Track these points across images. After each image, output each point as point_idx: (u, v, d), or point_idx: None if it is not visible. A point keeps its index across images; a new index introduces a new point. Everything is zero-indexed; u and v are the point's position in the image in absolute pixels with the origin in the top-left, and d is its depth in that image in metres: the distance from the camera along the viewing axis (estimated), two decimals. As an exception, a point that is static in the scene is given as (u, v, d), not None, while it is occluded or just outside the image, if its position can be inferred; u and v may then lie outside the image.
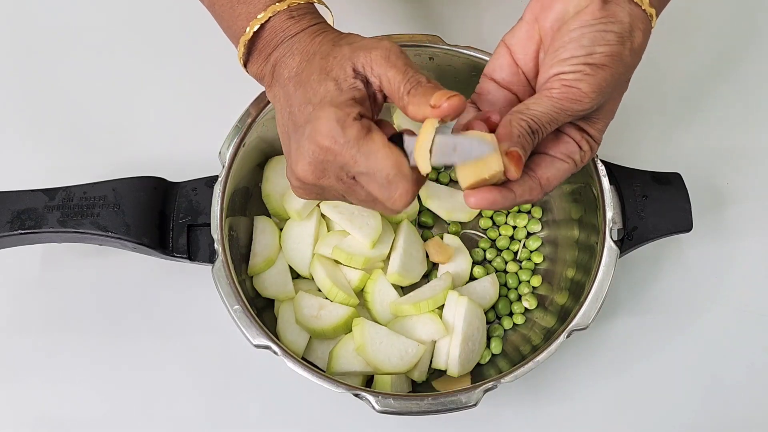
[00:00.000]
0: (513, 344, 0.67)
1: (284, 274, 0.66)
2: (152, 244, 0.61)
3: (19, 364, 0.68)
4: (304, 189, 0.52)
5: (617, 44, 0.48)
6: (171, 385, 0.67)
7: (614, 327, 0.70)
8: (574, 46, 0.48)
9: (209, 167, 0.64)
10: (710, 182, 0.76)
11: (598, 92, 0.48)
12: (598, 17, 0.48)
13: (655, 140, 0.78)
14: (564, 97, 0.48)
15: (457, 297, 0.64)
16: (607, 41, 0.47)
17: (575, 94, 0.48)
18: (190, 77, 0.79)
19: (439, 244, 0.68)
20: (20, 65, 0.79)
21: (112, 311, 0.69)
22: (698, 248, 0.73)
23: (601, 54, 0.47)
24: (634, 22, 0.48)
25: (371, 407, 0.56)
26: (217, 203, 0.61)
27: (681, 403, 0.68)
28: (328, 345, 0.65)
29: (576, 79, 0.48)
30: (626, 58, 0.48)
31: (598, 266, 0.60)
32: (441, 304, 0.64)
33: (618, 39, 0.48)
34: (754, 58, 0.82)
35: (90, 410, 0.66)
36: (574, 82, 0.48)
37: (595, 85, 0.48)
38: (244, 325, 0.58)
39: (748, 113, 0.79)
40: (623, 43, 0.48)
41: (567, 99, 0.48)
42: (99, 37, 0.81)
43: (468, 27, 0.81)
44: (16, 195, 0.61)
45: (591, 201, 0.64)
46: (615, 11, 0.48)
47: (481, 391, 0.56)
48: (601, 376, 0.69)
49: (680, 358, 0.70)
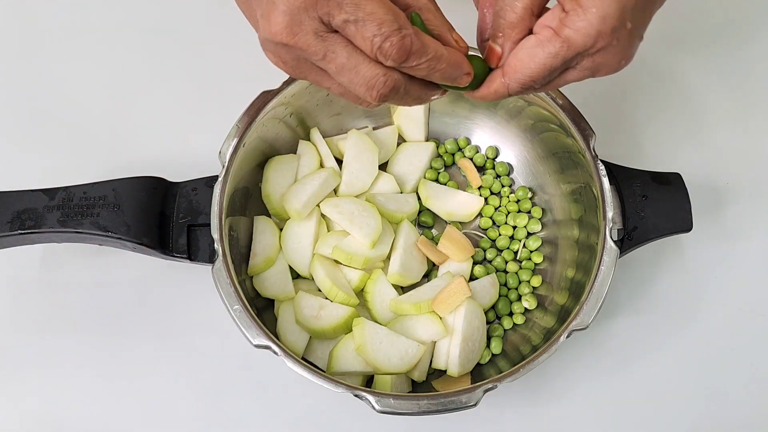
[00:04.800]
0: (513, 344, 0.67)
1: (284, 274, 0.66)
2: (152, 244, 0.61)
3: (19, 364, 0.68)
4: (276, 53, 0.45)
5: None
6: (171, 385, 0.67)
7: (614, 327, 0.70)
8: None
9: (209, 167, 0.64)
10: (710, 182, 0.76)
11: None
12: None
13: (655, 140, 0.78)
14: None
15: (457, 297, 0.64)
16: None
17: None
18: (190, 77, 0.79)
19: (426, 243, 0.68)
20: (20, 65, 0.79)
21: (112, 311, 0.69)
22: (698, 248, 0.73)
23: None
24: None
25: (371, 407, 0.56)
26: (217, 203, 0.61)
27: (681, 403, 0.68)
28: (328, 345, 0.65)
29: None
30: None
31: (598, 266, 0.60)
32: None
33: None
34: (755, 58, 0.82)
35: (90, 410, 0.66)
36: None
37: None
38: (244, 325, 0.58)
39: (748, 113, 0.79)
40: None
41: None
42: (99, 37, 0.81)
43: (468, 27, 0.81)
44: (16, 195, 0.61)
45: (591, 201, 0.64)
46: None
47: (481, 391, 0.56)
48: (601, 376, 0.69)
49: (680, 358, 0.70)
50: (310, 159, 0.70)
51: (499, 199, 0.73)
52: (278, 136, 0.69)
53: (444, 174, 0.74)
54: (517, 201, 0.73)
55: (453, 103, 0.73)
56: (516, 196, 0.73)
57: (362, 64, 0.43)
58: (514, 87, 0.47)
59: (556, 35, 0.44)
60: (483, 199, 0.72)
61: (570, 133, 0.64)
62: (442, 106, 0.73)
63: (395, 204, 0.69)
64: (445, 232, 0.68)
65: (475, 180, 0.73)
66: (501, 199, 0.73)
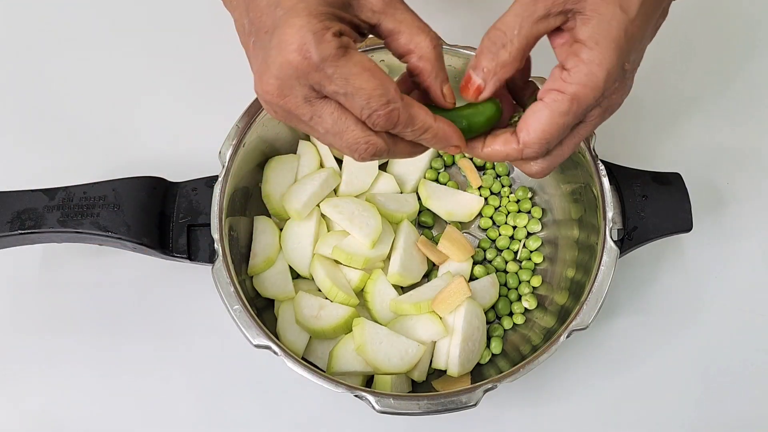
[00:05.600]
0: (513, 344, 0.67)
1: (284, 274, 0.66)
2: (152, 244, 0.61)
3: (19, 364, 0.68)
4: (269, 106, 0.46)
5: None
6: (171, 385, 0.67)
7: (614, 327, 0.70)
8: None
9: (209, 167, 0.64)
10: (710, 182, 0.76)
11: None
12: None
13: (655, 140, 0.78)
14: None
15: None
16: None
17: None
18: (190, 77, 0.79)
19: (426, 243, 0.68)
20: (20, 65, 0.79)
21: (112, 311, 0.69)
22: (698, 248, 0.73)
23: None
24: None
25: (371, 407, 0.56)
26: (217, 203, 0.61)
27: (681, 403, 0.68)
28: (328, 345, 0.65)
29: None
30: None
31: (598, 266, 0.60)
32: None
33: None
34: (755, 58, 0.82)
35: (90, 410, 0.66)
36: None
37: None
38: (244, 325, 0.58)
39: (749, 113, 0.79)
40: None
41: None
42: (99, 37, 0.81)
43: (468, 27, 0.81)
44: (16, 195, 0.61)
45: (591, 201, 0.64)
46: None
47: (481, 391, 0.56)
48: (601, 376, 0.69)
49: (680, 358, 0.70)
50: (310, 159, 0.70)
51: (499, 199, 0.73)
52: (278, 136, 0.69)
53: (444, 174, 0.74)
54: (517, 201, 0.73)
55: (453, 103, 0.73)
56: (516, 196, 0.73)
57: (346, 130, 0.44)
58: (529, 152, 0.46)
59: (563, 94, 0.44)
60: (483, 199, 0.72)
61: (570, 133, 0.64)
62: (442, 106, 0.73)
63: (395, 204, 0.69)
64: (445, 232, 0.68)
65: (475, 180, 0.73)
66: (501, 199, 0.73)
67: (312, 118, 0.44)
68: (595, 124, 0.47)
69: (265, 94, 0.44)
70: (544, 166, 0.49)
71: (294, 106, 0.44)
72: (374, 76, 0.42)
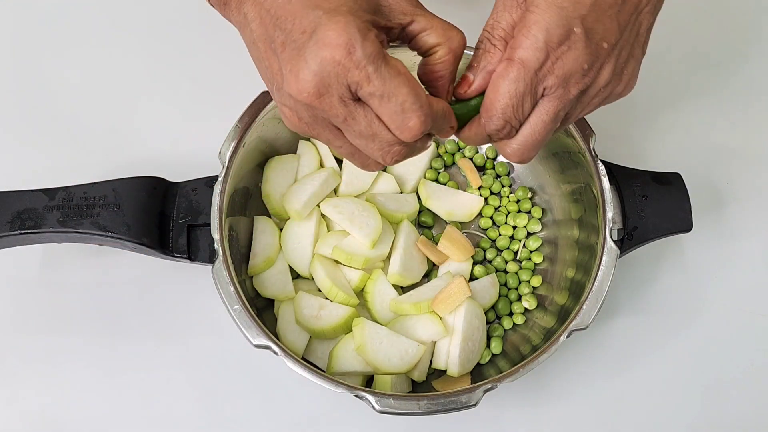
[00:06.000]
0: (513, 344, 0.67)
1: (284, 274, 0.66)
2: (152, 244, 0.61)
3: (19, 363, 0.68)
4: (294, 109, 0.46)
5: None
6: (171, 385, 0.67)
7: (614, 327, 0.70)
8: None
9: (209, 167, 0.64)
10: (710, 182, 0.76)
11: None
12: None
13: (655, 140, 0.78)
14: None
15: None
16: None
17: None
18: (190, 77, 0.79)
19: (426, 243, 0.68)
20: (20, 65, 0.79)
21: (112, 311, 0.69)
22: (698, 248, 0.73)
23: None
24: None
25: (371, 407, 0.56)
26: (216, 203, 0.61)
27: (681, 403, 0.68)
28: (328, 345, 0.65)
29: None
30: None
31: (598, 266, 0.60)
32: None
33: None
34: (755, 58, 0.82)
35: (90, 410, 0.66)
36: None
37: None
38: (244, 325, 0.58)
39: (748, 113, 0.79)
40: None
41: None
42: (100, 37, 0.81)
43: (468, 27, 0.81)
44: (16, 195, 0.61)
45: (591, 201, 0.64)
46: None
47: (481, 391, 0.56)
48: (601, 376, 0.69)
49: (680, 357, 0.70)
50: (310, 159, 0.70)
51: (499, 199, 0.73)
52: (278, 136, 0.69)
53: (444, 174, 0.74)
54: (517, 201, 0.73)
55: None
56: (516, 196, 0.73)
57: (381, 133, 0.45)
58: (490, 125, 0.47)
59: (511, 60, 0.45)
60: (483, 199, 0.72)
61: (570, 132, 0.64)
62: (442, 106, 0.73)
63: (395, 204, 0.69)
64: (445, 232, 0.68)
65: (475, 180, 0.73)
66: (501, 199, 0.73)
67: (346, 120, 0.44)
68: (559, 96, 0.46)
69: (299, 92, 0.43)
70: (516, 147, 0.49)
71: (329, 106, 0.44)
72: (409, 81, 0.43)
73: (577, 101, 0.48)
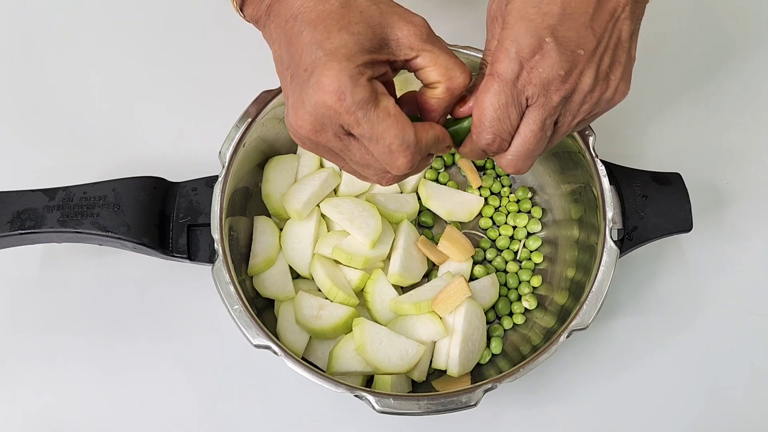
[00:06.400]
0: (513, 344, 0.67)
1: (284, 274, 0.66)
2: (152, 244, 0.61)
3: (19, 363, 0.68)
4: (300, 138, 0.49)
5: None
6: (171, 385, 0.67)
7: (614, 327, 0.70)
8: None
9: (209, 167, 0.64)
10: (710, 182, 0.76)
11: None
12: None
13: (655, 140, 0.78)
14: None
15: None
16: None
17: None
18: (190, 77, 0.79)
19: (426, 243, 0.68)
20: (20, 66, 0.79)
21: (112, 311, 0.69)
22: (698, 248, 0.73)
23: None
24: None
25: (371, 407, 0.56)
26: (217, 203, 0.61)
27: (681, 403, 0.68)
28: (328, 345, 0.65)
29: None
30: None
31: (598, 266, 0.60)
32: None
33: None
34: (755, 58, 0.82)
35: (90, 410, 0.67)
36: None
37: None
38: (244, 325, 0.58)
39: (748, 113, 0.79)
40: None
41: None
42: (100, 37, 0.81)
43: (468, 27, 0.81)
44: (16, 195, 0.61)
45: (591, 201, 0.64)
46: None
47: (481, 391, 0.56)
48: (601, 376, 0.69)
49: (680, 358, 0.70)
50: (310, 159, 0.70)
51: (499, 199, 0.73)
52: (278, 136, 0.69)
53: (444, 174, 0.74)
54: (517, 201, 0.73)
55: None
56: (516, 196, 0.73)
57: (373, 164, 0.48)
58: (481, 140, 0.49)
59: (490, 75, 0.47)
60: (483, 199, 0.72)
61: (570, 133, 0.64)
62: (442, 106, 0.73)
63: (395, 204, 0.69)
64: (445, 232, 0.68)
65: (475, 180, 0.73)
66: (501, 199, 0.73)
67: (342, 150, 0.48)
68: (543, 104, 0.48)
69: (298, 128, 0.47)
70: (510, 158, 0.50)
71: (325, 140, 0.47)
72: (397, 123, 0.46)
73: (563, 108, 0.49)
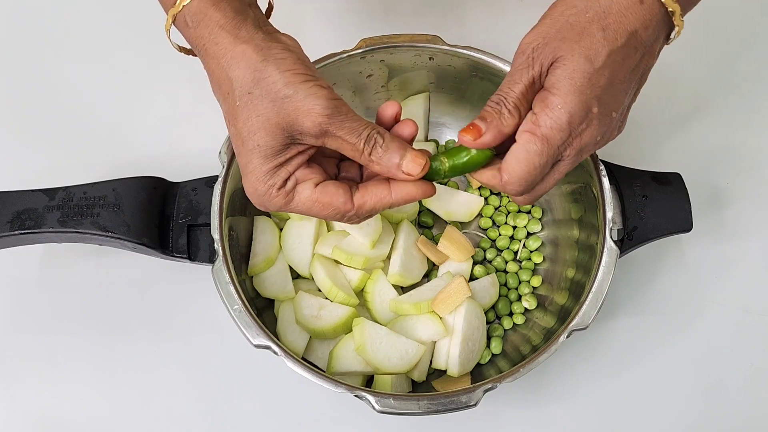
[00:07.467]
0: (513, 344, 0.67)
1: (284, 274, 0.66)
2: (152, 244, 0.61)
3: (19, 363, 0.68)
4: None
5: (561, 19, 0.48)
6: (171, 385, 0.67)
7: (614, 327, 0.70)
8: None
9: (209, 167, 0.64)
10: (710, 182, 0.76)
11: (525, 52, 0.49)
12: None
13: (655, 140, 0.78)
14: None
15: (457, 297, 0.64)
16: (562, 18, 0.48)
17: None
18: (190, 77, 0.79)
19: (426, 243, 0.68)
20: (20, 65, 0.79)
21: (112, 311, 0.69)
22: (698, 248, 0.73)
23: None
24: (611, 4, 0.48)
25: (371, 407, 0.56)
26: (217, 203, 0.61)
27: (681, 403, 0.68)
28: (328, 345, 0.65)
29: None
30: (570, 32, 0.48)
31: (598, 266, 0.60)
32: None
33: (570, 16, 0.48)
34: (755, 58, 0.82)
35: (90, 410, 0.67)
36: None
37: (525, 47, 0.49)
38: (244, 325, 0.58)
39: (748, 114, 0.79)
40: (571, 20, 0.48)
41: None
42: (100, 37, 0.81)
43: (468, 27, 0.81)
44: (16, 195, 0.61)
45: (591, 201, 0.64)
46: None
47: (481, 391, 0.56)
48: (601, 376, 0.69)
49: (680, 358, 0.70)
50: (310, 159, 0.70)
51: (499, 199, 0.73)
52: (278, 136, 0.69)
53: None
54: (517, 201, 0.73)
55: (453, 104, 0.73)
56: (516, 196, 0.73)
57: (323, 211, 0.51)
58: (509, 188, 0.50)
59: (534, 135, 0.48)
60: (483, 199, 0.72)
61: (570, 133, 0.64)
62: (442, 106, 0.73)
63: (395, 204, 0.69)
64: (445, 232, 0.68)
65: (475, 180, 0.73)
66: (501, 199, 0.73)
67: (290, 207, 0.51)
68: (572, 161, 0.51)
69: (248, 195, 0.51)
70: (528, 198, 0.53)
71: (274, 207, 0.51)
72: (321, 202, 0.50)
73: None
